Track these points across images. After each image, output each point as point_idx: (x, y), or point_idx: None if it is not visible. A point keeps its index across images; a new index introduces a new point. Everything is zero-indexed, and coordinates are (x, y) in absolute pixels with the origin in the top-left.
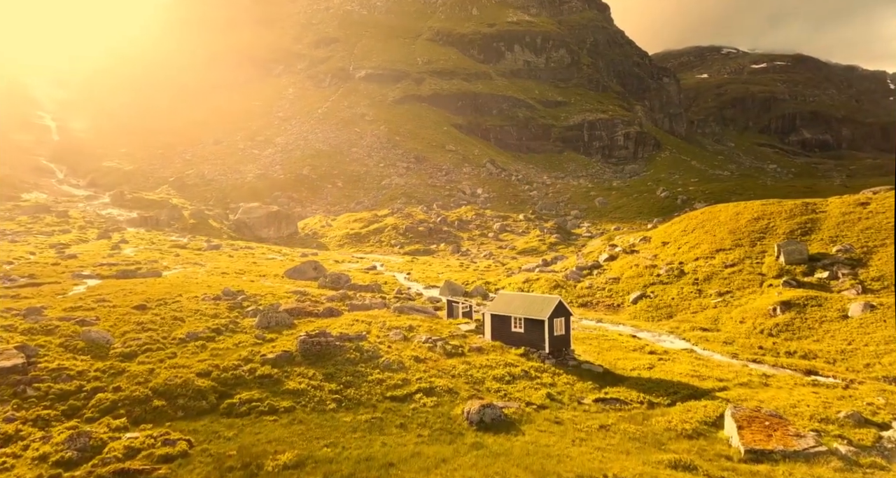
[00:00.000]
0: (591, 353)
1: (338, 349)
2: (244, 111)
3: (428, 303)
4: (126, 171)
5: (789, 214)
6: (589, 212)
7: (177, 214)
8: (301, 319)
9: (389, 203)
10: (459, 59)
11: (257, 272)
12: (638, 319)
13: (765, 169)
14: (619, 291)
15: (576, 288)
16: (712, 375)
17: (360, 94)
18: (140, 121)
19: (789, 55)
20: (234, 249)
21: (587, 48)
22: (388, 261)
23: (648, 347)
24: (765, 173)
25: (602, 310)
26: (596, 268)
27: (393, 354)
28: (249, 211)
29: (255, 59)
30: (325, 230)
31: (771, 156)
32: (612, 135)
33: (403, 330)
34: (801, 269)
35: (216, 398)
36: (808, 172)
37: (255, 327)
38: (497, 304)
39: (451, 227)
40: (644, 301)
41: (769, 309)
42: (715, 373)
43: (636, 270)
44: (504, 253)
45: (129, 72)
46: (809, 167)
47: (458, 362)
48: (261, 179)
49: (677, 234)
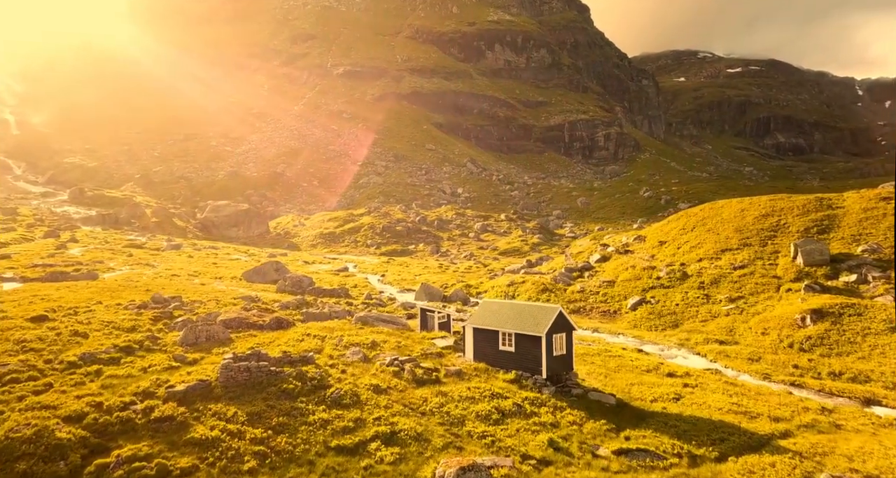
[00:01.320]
0: (596, 375)
1: (274, 377)
2: (217, 107)
3: (400, 310)
4: (89, 167)
5: (802, 211)
6: (571, 212)
7: (138, 213)
8: (240, 332)
9: (367, 202)
10: (439, 57)
11: (213, 274)
12: (639, 329)
13: (741, 171)
14: (615, 296)
15: (566, 292)
16: (760, 410)
17: (337, 91)
18: (106, 116)
19: (763, 60)
20: (196, 248)
21: (567, 49)
22: (363, 262)
23: (664, 367)
24: (741, 176)
25: (597, 317)
26: (587, 269)
27: (347, 383)
28: (217, 209)
29: (230, 54)
30: (297, 230)
31: (747, 159)
32: (593, 136)
33: (365, 347)
34: (823, 271)
35: (81, 458)
36: (783, 174)
37: (179, 344)
38: (481, 315)
39: (430, 226)
40: (644, 307)
41: (796, 318)
42: (762, 407)
43: (633, 272)
44: (485, 254)
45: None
46: (784, 170)
47: (431, 393)
48: (233, 176)
49: (675, 232)
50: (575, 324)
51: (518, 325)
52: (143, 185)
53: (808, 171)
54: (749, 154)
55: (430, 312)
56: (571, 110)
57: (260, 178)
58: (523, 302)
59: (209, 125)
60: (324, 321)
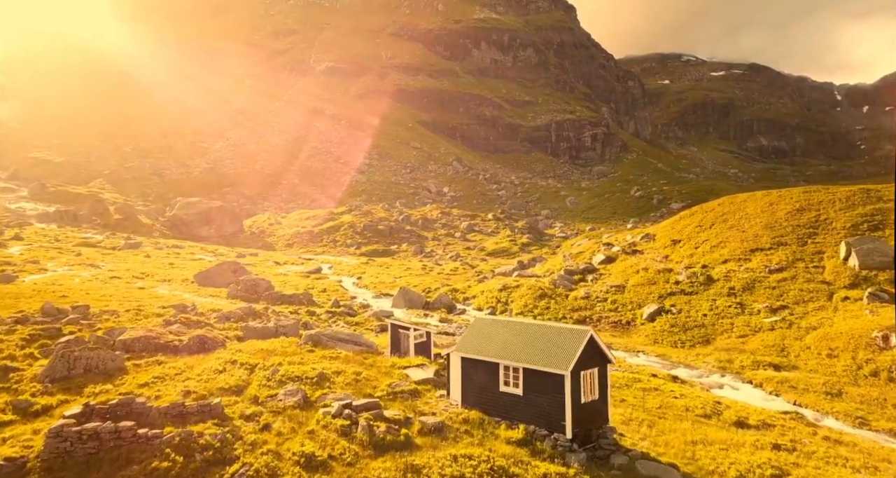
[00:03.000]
0: (637, 425)
1: (143, 446)
2: (196, 103)
3: (373, 320)
4: (56, 163)
5: (845, 204)
6: (560, 212)
7: (101, 209)
8: (144, 358)
9: (349, 201)
10: (425, 54)
11: (163, 276)
12: (661, 345)
13: (726, 173)
14: (626, 304)
15: (568, 298)
16: None
17: (320, 87)
18: (80, 111)
19: (746, 64)
20: (157, 248)
21: (554, 49)
22: (340, 263)
23: (726, 410)
24: (727, 177)
25: (608, 329)
26: (590, 272)
27: (263, 453)
28: (187, 206)
29: (210, 49)
30: (273, 229)
31: (731, 161)
32: (580, 136)
33: (308, 383)
34: (887, 276)
35: None
36: (768, 176)
37: (41, 379)
38: (473, 339)
39: (414, 226)
40: (664, 318)
41: (874, 337)
42: None
43: (645, 275)
44: (472, 254)
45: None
46: (768, 172)
47: (397, 470)
48: (209, 173)
49: (690, 230)
50: (611, 354)
51: (528, 355)
52: (113, 181)
53: (792, 173)
54: (733, 156)
55: (403, 329)
56: (558, 110)
57: (238, 175)
58: (534, 321)
59: (187, 121)
60: (266, 339)
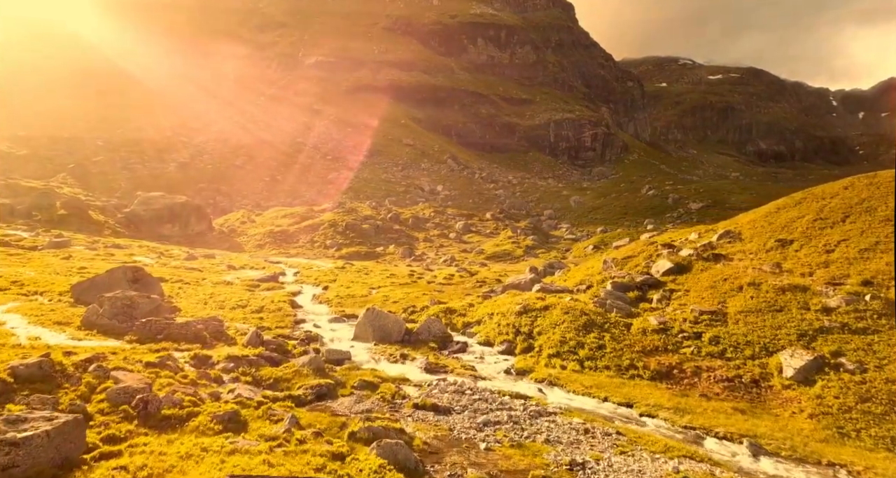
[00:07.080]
0: None
1: None
2: (178, 96)
3: (307, 377)
4: (19, 155)
5: None
6: (565, 212)
7: (46, 204)
8: None
9: (335, 198)
10: (419, 50)
11: (41, 286)
12: (856, 440)
13: (728, 176)
14: (740, 345)
15: (630, 332)
16: None
17: (309, 82)
18: (52, 103)
19: (743, 68)
20: (90, 247)
21: (552, 47)
22: (311, 267)
23: None
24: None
25: (719, 391)
26: (652, 286)
27: None
28: (147, 202)
29: (194, 41)
30: (245, 228)
31: (732, 164)
32: (579, 135)
33: None
34: None
35: None
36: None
37: None
38: None
39: (404, 225)
40: (833, 378)
41: None
42: None
43: (759, 295)
44: (470, 258)
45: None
46: (770, 176)
47: None
48: (184, 168)
49: (805, 224)
50: None
51: None
52: (77, 175)
53: (794, 177)
54: (733, 160)
55: None
56: (557, 109)
57: (216, 170)
58: None
59: (166, 115)
60: None
